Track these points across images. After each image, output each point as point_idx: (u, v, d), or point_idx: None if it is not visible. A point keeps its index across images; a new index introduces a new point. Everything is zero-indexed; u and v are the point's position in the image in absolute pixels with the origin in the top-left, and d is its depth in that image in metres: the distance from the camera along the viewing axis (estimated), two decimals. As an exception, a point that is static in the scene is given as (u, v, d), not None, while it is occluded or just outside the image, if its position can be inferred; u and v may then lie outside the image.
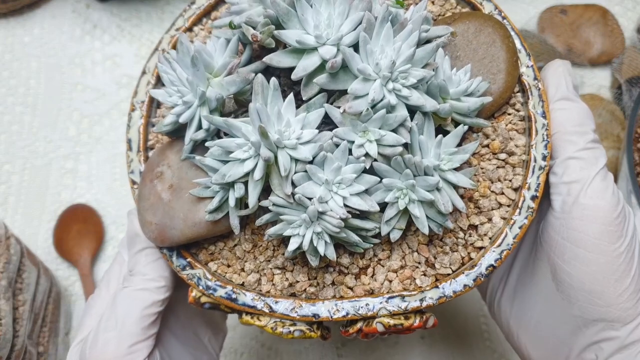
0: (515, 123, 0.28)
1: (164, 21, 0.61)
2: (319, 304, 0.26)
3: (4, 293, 0.37)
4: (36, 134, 0.55)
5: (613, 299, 0.26)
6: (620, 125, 0.52)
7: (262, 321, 0.26)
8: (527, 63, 0.29)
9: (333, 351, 0.45)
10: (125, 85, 0.57)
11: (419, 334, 0.46)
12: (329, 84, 0.24)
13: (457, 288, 0.25)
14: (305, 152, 0.24)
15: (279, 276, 0.27)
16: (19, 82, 0.57)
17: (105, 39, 0.60)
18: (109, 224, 0.50)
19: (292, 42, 0.24)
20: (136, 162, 0.29)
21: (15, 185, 0.52)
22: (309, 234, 0.24)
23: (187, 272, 0.27)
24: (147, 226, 0.27)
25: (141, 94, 0.30)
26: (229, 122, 0.24)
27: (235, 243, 0.28)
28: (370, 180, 0.24)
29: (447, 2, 0.31)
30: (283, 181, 0.24)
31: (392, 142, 0.24)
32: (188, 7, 0.32)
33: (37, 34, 0.60)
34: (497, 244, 0.26)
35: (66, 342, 0.45)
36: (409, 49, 0.23)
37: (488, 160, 0.28)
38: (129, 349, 0.27)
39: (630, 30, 0.58)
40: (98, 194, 0.52)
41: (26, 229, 0.50)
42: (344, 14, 0.24)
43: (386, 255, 0.27)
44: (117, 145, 0.54)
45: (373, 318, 0.25)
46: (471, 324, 0.46)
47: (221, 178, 0.24)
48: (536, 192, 0.26)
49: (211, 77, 0.26)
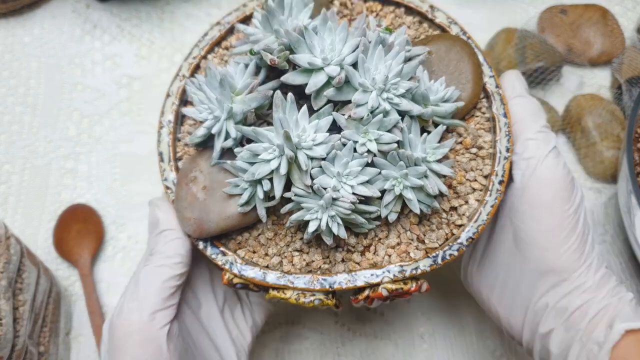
0: (482, 123, 0.35)
1: (164, 21, 0.61)
2: (333, 276, 0.31)
3: (4, 293, 0.37)
4: (36, 134, 0.55)
5: (561, 253, 0.32)
6: (620, 125, 0.52)
7: (286, 294, 0.31)
8: (489, 74, 0.35)
9: (333, 351, 0.45)
10: (125, 85, 0.57)
11: (419, 333, 0.46)
12: (336, 96, 0.30)
13: (445, 257, 0.31)
14: (319, 151, 0.29)
15: (298, 257, 0.32)
16: (19, 82, 0.57)
17: (105, 39, 0.60)
18: (109, 224, 0.50)
19: (303, 64, 0.30)
20: (168, 171, 0.35)
21: (15, 185, 0.52)
22: (325, 217, 0.29)
23: (220, 259, 0.32)
24: (186, 221, 0.32)
25: (167, 113, 0.36)
26: (256, 130, 0.30)
27: (259, 233, 0.33)
28: (371, 171, 0.30)
29: (421, 26, 0.37)
30: (303, 175, 0.29)
31: (388, 140, 0.30)
32: (202, 38, 0.38)
33: (37, 34, 0.60)
34: (474, 220, 0.32)
35: (67, 342, 0.45)
36: (398, 66, 0.30)
37: (462, 154, 0.34)
38: (151, 316, 0.31)
39: (630, 30, 0.58)
40: (98, 194, 0.52)
41: (26, 229, 0.50)
42: (344, 40, 0.30)
43: (385, 235, 0.32)
44: (117, 146, 0.54)
45: (378, 285, 0.31)
46: (471, 324, 0.46)
47: (251, 176, 0.30)
48: (502, 177, 0.33)
49: (234, 95, 0.32)
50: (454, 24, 0.37)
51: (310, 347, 0.45)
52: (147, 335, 0.30)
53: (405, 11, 0.38)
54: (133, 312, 0.31)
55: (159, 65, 0.58)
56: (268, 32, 0.31)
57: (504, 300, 0.35)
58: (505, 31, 0.57)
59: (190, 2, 0.62)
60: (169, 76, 0.58)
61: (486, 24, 0.61)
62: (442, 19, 0.37)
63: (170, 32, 0.60)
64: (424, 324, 0.46)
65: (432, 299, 0.47)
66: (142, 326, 0.30)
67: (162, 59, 0.59)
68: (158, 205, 0.34)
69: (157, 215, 0.33)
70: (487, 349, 0.45)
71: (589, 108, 0.52)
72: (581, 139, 0.52)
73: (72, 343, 0.46)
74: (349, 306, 0.47)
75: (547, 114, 0.53)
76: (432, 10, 0.37)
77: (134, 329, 0.30)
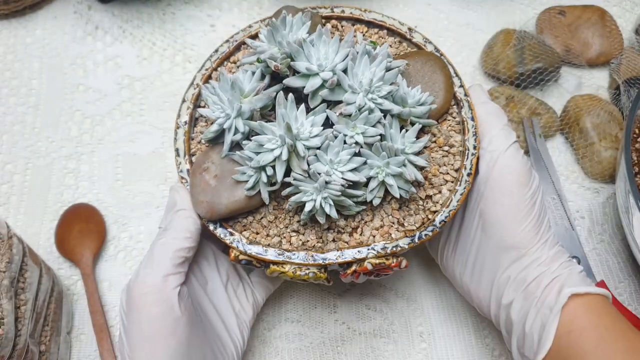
0: (453, 126, 0.40)
1: (165, 22, 0.61)
2: (325, 253, 0.36)
3: (6, 292, 0.38)
4: (38, 134, 0.55)
5: (519, 231, 0.36)
6: (618, 126, 0.52)
7: (285, 268, 0.36)
8: (458, 84, 0.42)
9: (333, 349, 0.46)
10: (126, 86, 0.58)
11: (417, 332, 0.46)
12: (329, 96, 0.36)
13: (421, 237, 0.37)
14: (315, 142, 0.35)
15: (295, 237, 0.37)
16: (21, 82, 0.58)
17: (107, 40, 0.60)
18: (111, 224, 0.51)
19: (302, 70, 0.36)
20: (183, 164, 0.40)
21: (17, 185, 0.53)
22: (319, 199, 0.34)
23: (228, 238, 0.37)
24: (200, 204, 0.37)
25: (183, 116, 0.41)
26: (262, 124, 0.35)
27: (262, 216, 0.38)
28: (359, 160, 0.35)
29: (401, 45, 0.44)
30: (301, 161, 0.35)
31: (373, 133, 0.35)
32: (214, 52, 0.43)
33: (39, 35, 0.60)
34: (447, 206, 0.37)
35: (68, 341, 0.46)
36: (381, 72, 0.36)
37: (436, 151, 0.39)
38: (163, 279, 0.35)
39: (629, 31, 0.59)
40: (100, 194, 0.52)
41: (28, 228, 0.51)
42: (336, 51, 0.36)
43: (370, 218, 0.37)
44: (119, 146, 0.55)
45: (364, 260, 0.36)
46: (470, 324, 0.46)
47: (257, 163, 0.35)
48: (470, 170, 0.38)
49: (242, 98, 0.37)
50: (429, 42, 0.43)
51: (310, 345, 0.46)
52: (161, 295, 0.35)
53: (387, 32, 0.44)
54: (148, 276, 0.35)
55: (160, 66, 0.59)
56: (272, 45, 0.37)
57: (473, 278, 0.40)
58: (504, 32, 0.58)
59: (191, 4, 0.63)
60: (170, 77, 0.58)
61: (485, 25, 0.61)
62: (419, 39, 0.43)
63: (171, 33, 0.61)
64: (423, 323, 0.47)
65: (431, 298, 0.47)
66: (156, 287, 0.35)
67: (163, 60, 0.59)
68: (177, 190, 0.39)
69: (175, 197, 0.38)
70: (486, 348, 0.45)
71: (587, 108, 0.53)
72: (579, 139, 0.53)
73: (74, 342, 0.46)
74: (349, 306, 0.47)
75: (545, 114, 0.54)
76: (410, 31, 0.44)
77: (149, 290, 0.35)
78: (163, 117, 0.56)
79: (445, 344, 0.46)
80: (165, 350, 0.34)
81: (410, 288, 0.48)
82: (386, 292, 0.48)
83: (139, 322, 0.34)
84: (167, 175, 0.53)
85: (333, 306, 0.47)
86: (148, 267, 0.36)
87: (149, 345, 0.34)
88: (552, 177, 0.51)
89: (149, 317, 0.34)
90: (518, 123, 0.54)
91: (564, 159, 0.54)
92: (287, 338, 0.46)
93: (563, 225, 0.49)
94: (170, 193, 0.40)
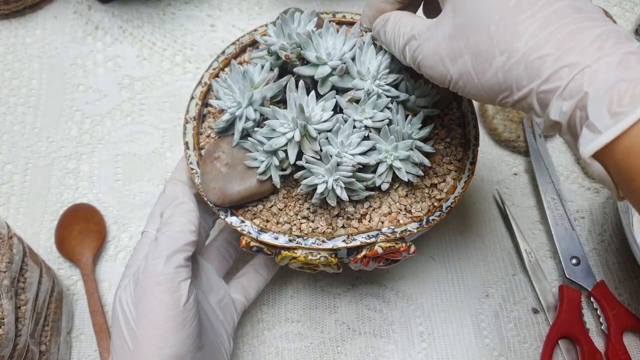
0: (454, 120, 0.42)
1: (165, 22, 0.61)
2: (335, 238, 0.37)
3: (7, 292, 0.38)
4: (38, 134, 0.55)
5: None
6: (618, 126, 0.52)
7: (296, 253, 0.36)
8: None
9: (333, 349, 0.46)
10: (126, 86, 0.58)
11: (418, 332, 0.46)
12: (338, 82, 0.37)
13: (429, 221, 0.37)
14: (326, 125, 0.36)
15: (305, 224, 0.38)
16: (21, 82, 0.58)
17: (107, 40, 0.60)
18: (111, 224, 0.51)
19: (312, 59, 0.37)
20: (193, 156, 0.40)
21: (17, 185, 0.53)
22: (330, 180, 0.35)
23: (240, 226, 0.38)
24: (212, 190, 0.37)
25: (191, 112, 0.42)
26: (274, 109, 0.36)
27: (272, 204, 0.38)
28: (368, 144, 0.36)
29: None
30: (313, 143, 0.36)
31: (381, 117, 0.36)
32: (221, 54, 0.45)
33: (39, 35, 0.60)
34: (452, 193, 0.39)
35: (68, 340, 0.46)
36: (386, 61, 0.37)
37: (439, 143, 0.41)
38: (175, 270, 0.35)
39: (629, 32, 0.59)
40: (100, 194, 0.52)
41: (28, 228, 0.51)
42: (343, 42, 0.38)
43: (378, 205, 0.38)
44: (119, 146, 0.55)
45: (374, 244, 0.36)
46: (470, 324, 0.46)
47: (269, 147, 0.36)
48: (473, 159, 0.40)
49: (252, 89, 0.38)
50: None
51: (310, 345, 0.46)
52: (172, 285, 0.34)
53: None
54: (158, 266, 0.35)
55: (160, 66, 0.59)
56: (281, 38, 0.39)
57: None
58: (504, 32, 0.58)
59: (191, 4, 0.63)
60: (171, 77, 0.58)
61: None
62: None
63: (171, 33, 0.61)
64: (423, 323, 0.47)
65: (431, 298, 0.48)
66: (168, 277, 0.34)
67: (163, 60, 0.59)
68: (177, 183, 0.39)
69: (175, 190, 0.39)
70: (486, 348, 0.45)
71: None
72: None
73: (74, 342, 0.46)
74: (349, 306, 0.47)
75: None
76: None
77: (161, 279, 0.34)
78: (163, 117, 0.56)
79: (445, 343, 0.46)
80: (175, 342, 0.34)
81: (410, 288, 0.48)
82: (386, 292, 0.48)
83: (151, 310, 0.34)
84: (167, 175, 0.53)
85: (333, 306, 0.47)
86: (157, 258, 0.35)
87: (158, 336, 0.33)
88: (552, 177, 0.51)
89: (160, 306, 0.34)
90: (518, 123, 0.53)
91: (564, 159, 0.54)
92: (287, 338, 0.46)
93: (563, 225, 0.49)
94: (167, 186, 0.39)
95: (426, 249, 0.49)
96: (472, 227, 0.51)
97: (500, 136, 0.54)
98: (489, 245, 0.50)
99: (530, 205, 0.52)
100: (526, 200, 0.52)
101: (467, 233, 0.50)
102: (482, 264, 0.49)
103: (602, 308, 0.45)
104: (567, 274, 0.47)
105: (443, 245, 0.50)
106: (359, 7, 0.63)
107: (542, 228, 0.50)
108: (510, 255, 0.49)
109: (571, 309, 0.45)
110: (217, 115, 0.42)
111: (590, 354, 0.43)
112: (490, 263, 0.49)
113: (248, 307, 0.44)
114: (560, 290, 0.46)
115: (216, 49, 0.60)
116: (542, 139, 0.53)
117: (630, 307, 0.46)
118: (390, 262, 0.38)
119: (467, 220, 0.51)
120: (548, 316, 0.46)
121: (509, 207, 0.51)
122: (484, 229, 0.50)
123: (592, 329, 0.46)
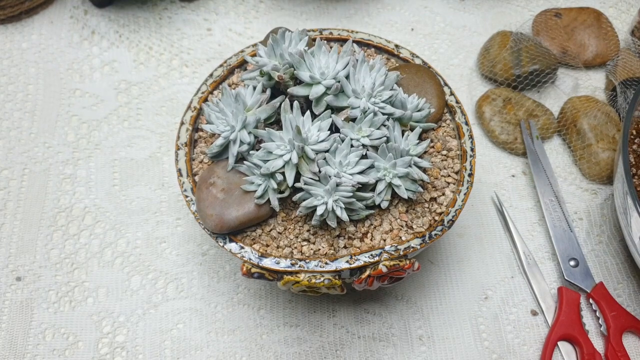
0: (448, 131, 0.42)
1: (162, 27, 0.61)
2: (338, 259, 0.36)
3: None
4: (35, 140, 0.55)
5: None
6: (615, 127, 0.52)
7: (299, 277, 0.36)
8: (449, 93, 0.44)
9: (332, 353, 0.45)
10: (123, 90, 0.58)
11: (417, 335, 0.46)
12: (333, 101, 0.37)
13: (431, 236, 0.37)
14: (323, 145, 0.35)
15: (306, 247, 0.37)
16: (17, 87, 0.58)
17: (103, 45, 0.60)
18: (108, 229, 0.51)
19: (305, 79, 0.37)
20: (187, 183, 0.40)
21: (14, 191, 0.52)
22: (330, 201, 0.35)
23: (238, 252, 0.37)
24: (209, 218, 0.37)
25: (182, 137, 0.42)
26: (270, 131, 0.36)
27: (271, 228, 0.38)
28: (366, 162, 0.36)
29: (389, 61, 0.46)
30: (311, 164, 0.35)
31: (379, 135, 0.36)
32: (209, 77, 0.44)
33: (35, 40, 0.60)
34: (453, 207, 0.38)
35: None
36: (381, 78, 0.37)
37: (435, 156, 0.41)
38: None
39: (624, 33, 0.59)
40: (97, 199, 0.52)
41: (25, 234, 0.50)
42: (336, 60, 0.37)
43: (379, 223, 0.38)
44: (116, 151, 0.54)
45: (378, 263, 0.36)
46: (469, 326, 0.46)
47: (266, 170, 0.35)
48: (471, 171, 0.39)
49: (245, 111, 0.38)
50: (416, 57, 0.45)
51: (309, 349, 0.46)
52: None
53: (375, 50, 0.46)
54: None
55: (157, 70, 0.59)
56: (272, 59, 0.38)
57: None
58: (501, 34, 0.58)
59: (187, 8, 0.63)
60: (167, 81, 0.58)
61: (481, 27, 0.61)
62: (406, 54, 0.45)
63: (168, 37, 0.61)
64: (422, 326, 0.46)
65: (430, 301, 0.47)
66: None
67: (160, 65, 0.59)
68: None
69: None
70: (485, 351, 0.45)
71: (584, 110, 0.53)
72: (577, 140, 0.53)
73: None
74: (348, 310, 0.47)
75: (542, 116, 0.54)
76: (397, 48, 0.46)
77: None
78: (160, 121, 0.56)
79: (444, 347, 0.46)
80: None
81: (409, 291, 0.48)
82: (385, 296, 0.48)
83: None
84: (164, 180, 0.53)
85: (332, 310, 0.47)
86: None
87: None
88: (550, 179, 0.51)
89: None
90: (515, 125, 0.54)
91: (561, 160, 0.54)
92: (286, 342, 0.46)
93: (561, 227, 0.49)
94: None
95: (424, 253, 0.49)
96: (470, 230, 0.51)
97: (498, 138, 0.54)
98: (487, 247, 0.50)
99: (528, 207, 0.52)
100: (524, 202, 0.52)
101: (465, 235, 0.50)
102: (480, 267, 0.49)
103: (601, 309, 0.45)
104: (566, 276, 0.47)
105: (441, 248, 0.50)
106: (356, 7, 0.63)
107: (540, 230, 0.50)
108: (509, 257, 0.49)
109: (570, 310, 0.45)
110: (208, 139, 0.42)
111: (590, 355, 0.43)
112: (489, 265, 0.49)
113: (246, 311, 0.44)
114: (559, 292, 0.46)
115: (213, 52, 0.60)
116: (539, 141, 0.53)
117: (629, 308, 0.46)
118: (394, 280, 0.38)
119: (465, 223, 0.51)
120: (547, 318, 0.46)
121: (507, 209, 0.51)
122: (482, 231, 0.50)
123: (591, 331, 0.46)
